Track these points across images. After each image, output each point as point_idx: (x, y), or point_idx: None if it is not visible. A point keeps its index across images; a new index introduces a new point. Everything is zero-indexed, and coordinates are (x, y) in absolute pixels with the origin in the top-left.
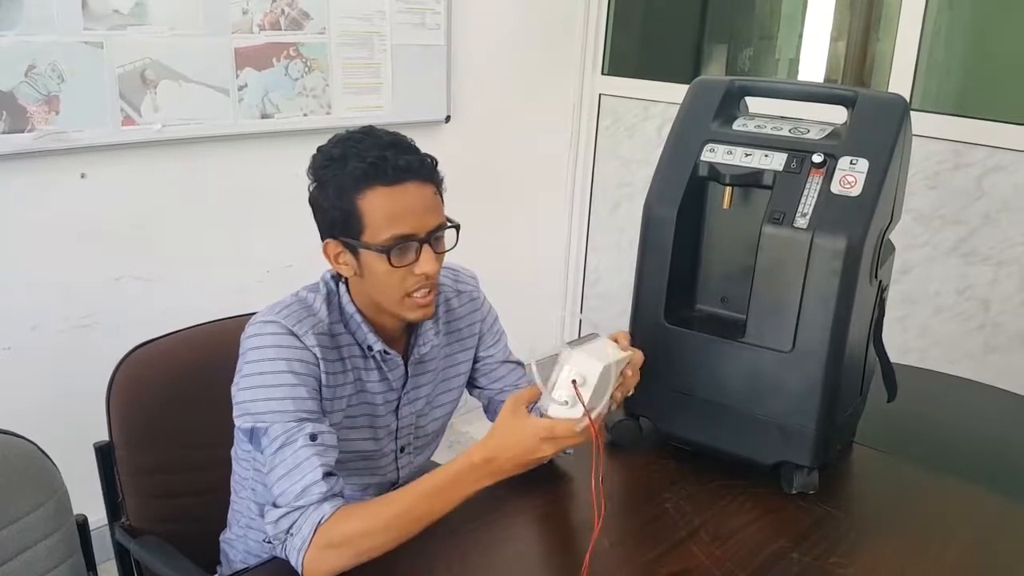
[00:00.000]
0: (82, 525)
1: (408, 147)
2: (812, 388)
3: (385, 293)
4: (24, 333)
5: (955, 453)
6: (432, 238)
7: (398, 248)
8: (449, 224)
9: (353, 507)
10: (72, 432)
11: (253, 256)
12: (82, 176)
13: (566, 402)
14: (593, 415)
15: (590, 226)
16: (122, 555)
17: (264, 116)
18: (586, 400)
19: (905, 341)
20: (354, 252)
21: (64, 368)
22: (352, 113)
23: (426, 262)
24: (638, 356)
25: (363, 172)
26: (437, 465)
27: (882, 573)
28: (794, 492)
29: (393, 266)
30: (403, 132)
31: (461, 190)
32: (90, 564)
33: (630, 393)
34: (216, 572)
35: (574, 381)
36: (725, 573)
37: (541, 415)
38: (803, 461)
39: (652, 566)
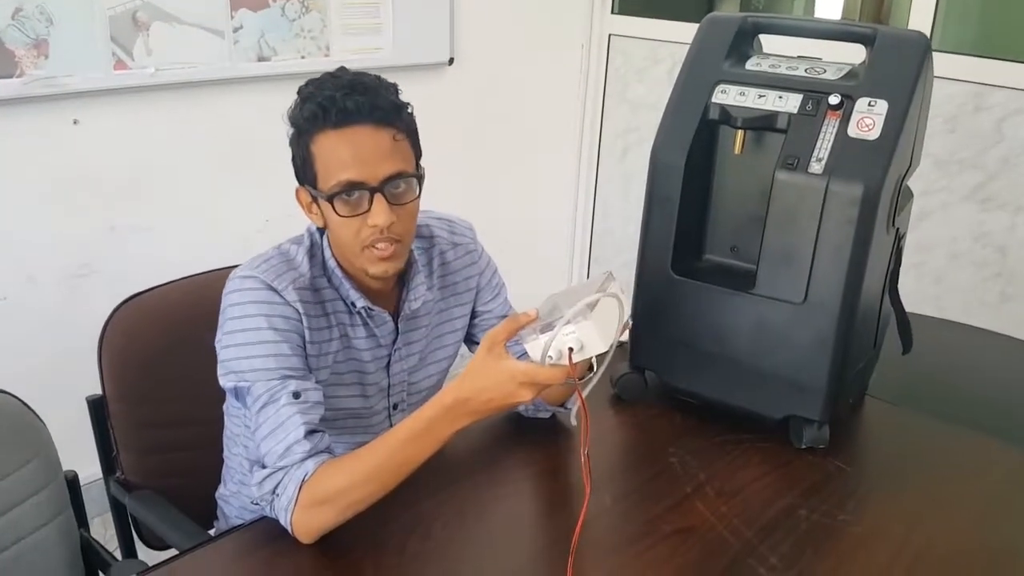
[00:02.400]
0: (72, 481)
1: (367, 89)
2: (824, 341)
3: (344, 245)
4: (20, 284)
5: (970, 406)
6: (387, 187)
7: (345, 195)
8: (410, 173)
9: (335, 462)
10: (69, 385)
11: (252, 204)
12: (75, 122)
13: (550, 357)
14: (584, 392)
15: (598, 172)
16: (118, 510)
17: (261, 59)
18: (577, 368)
19: (920, 289)
20: (317, 201)
21: (61, 318)
22: (351, 55)
23: (378, 213)
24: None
25: (312, 114)
26: None
27: (892, 530)
28: (803, 447)
29: (339, 215)
30: (404, 75)
31: (465, 134)
32: (82, 520)
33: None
34: (213, 527)
35: (571, 349)
36: (731, 530)
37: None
38: (813, 415)
39: (656, 522)
